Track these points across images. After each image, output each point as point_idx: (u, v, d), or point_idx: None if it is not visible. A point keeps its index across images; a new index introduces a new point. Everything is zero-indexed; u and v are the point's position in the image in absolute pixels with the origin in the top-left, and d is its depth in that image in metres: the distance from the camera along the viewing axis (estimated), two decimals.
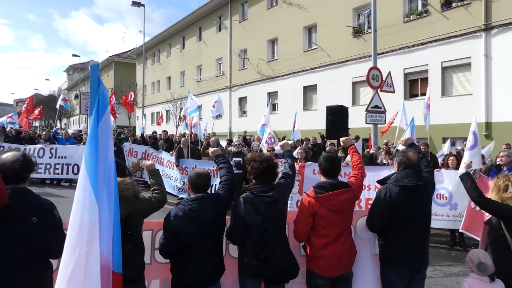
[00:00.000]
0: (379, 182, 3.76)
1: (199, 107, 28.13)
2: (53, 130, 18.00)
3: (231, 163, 4.14)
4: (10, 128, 16.28)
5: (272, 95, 24.51)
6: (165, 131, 15.19)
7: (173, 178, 11.62)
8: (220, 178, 3.54)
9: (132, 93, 19.84)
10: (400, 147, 7.13)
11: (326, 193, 3.30)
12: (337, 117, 9.55)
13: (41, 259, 2.58)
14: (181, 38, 35.50)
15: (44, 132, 14.98)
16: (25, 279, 2.47)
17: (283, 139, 15.37)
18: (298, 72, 22.15)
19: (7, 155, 2.66)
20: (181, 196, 10.87)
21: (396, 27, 16.83)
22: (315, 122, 18.35)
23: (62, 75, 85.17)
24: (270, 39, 24.72)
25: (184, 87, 34.18)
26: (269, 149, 10.56)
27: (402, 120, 12.38)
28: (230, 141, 16.29)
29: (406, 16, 16.84)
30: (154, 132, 19.54)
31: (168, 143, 13.72)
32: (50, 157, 12.82)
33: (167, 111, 32.12)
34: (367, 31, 18.31)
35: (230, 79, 28.24)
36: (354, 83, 19.05)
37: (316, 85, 21.26)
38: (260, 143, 12.28)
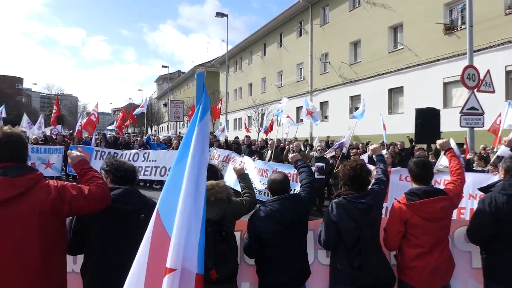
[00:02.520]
0: (481, 190, 3.41)
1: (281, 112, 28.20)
2: (146, 136, 19.52)
3: (314, 168, 4.11)
4: (109, 135, 18.00)
5: (354, 98, 23.83)
6: (247, 136, 15.54)
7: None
8: (301, 181, 3.57)
9: (220, 101, 20.83)
10: (502, 150, 6.41)
11: (419, 200, 3.08)
12: (427, 120, 8.97)
13: None
14: (262, 45, 36.22)
15: (138, 138, 16.28)
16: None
17: (367, 144, 14.81)
18: (383, 74, 21.25)
19: (126, 160, 3.02)
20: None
21: (495, 21, 15.30)
22: (401, 126, 17.42)
23: (153, 85, 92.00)
24: (352, 42, 24.10)
25: (265, 93, 34.78)
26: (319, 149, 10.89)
27: (507, 121, 11.13)
28: (310, 146, 16.14)
29: (508, 7, 15.24)
30: (236, 137, 20.12)
31: (250, 148, 14.02)
32: (143, 161, 13.85)
33: (249, 117, 32.91)
34: (461, 27, 16.95)
35: (311, 84, 28.07)
36: (445, 84, 17.72)
37: (402, 87, 20.20)
38: (344, 148, 11.98)
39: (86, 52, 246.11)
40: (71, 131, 24.70)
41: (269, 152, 11.66)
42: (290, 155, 3.83)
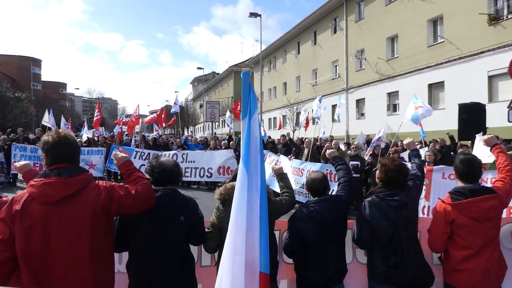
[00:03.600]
0: None
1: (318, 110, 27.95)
2: (184, 137, 19.91)
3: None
4: (148, 136, 18.53)
5: (392, 95, 23.19)
6: (283, 136, 15.49)
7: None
8: (339, 180, 3.52)
9: (239, 102, 20.87)
10: None
11: (465, 199, 2.94)
12: (472, 115, 8.58)
13: (184, 252, 2.83)
14: (296, 43, 36.00)
15: (177, 139, 16.64)
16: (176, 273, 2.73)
17: None
18: (422, 69, 20.53)
19: (167, 160, 2.98)
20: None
21: None
22: (442, 122, 16.76)
23: (188, 86, 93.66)
24: (389, 37, 23.46)
25: (299, 92, 34.55)
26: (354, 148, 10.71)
27: None
28: (348, 145, 15.87)
29: None
30: (269, 137, 20.09)
31: (286, 147, 13.95)
32: (181, 162, 14.09)
33: (284, 116, 32.81)
34: (507, 16, 16.08)
35: (346, 81, 27.60)
36: (490, 77, 16.86)
37: (443, 81, 19.43)
38: (382, 143, 11.72)
39: (124, 56, 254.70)
40: (112, 133, 25.63)
41: (305, 151, 11.55)
42: (328, 151, 3.78)
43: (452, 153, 11.89)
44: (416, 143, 10.36)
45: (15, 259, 2.24)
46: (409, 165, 3.62)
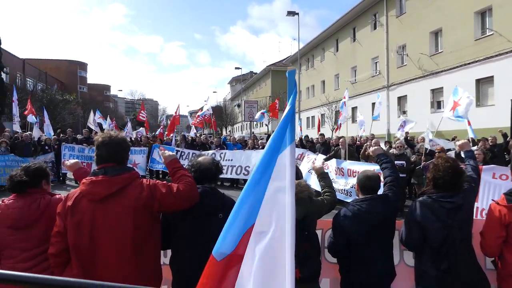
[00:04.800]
0: None
1: (355, 108, 27.51)
2: (223, 137, 20.16)
3: None
4: (188, 136, 18.92)
5: (436, 91, 22.29)
6: (321, 135, 15.31)
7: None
8: (385, 179, 3.37)
9: (277, 100, 20.82)
10: None
11: None
12: None
13: None
14: (334, 41, 35.44)
15: (215, 139, 16.87)
16: None
17: (453, 139, 13.77)
18: (469, 63, 19.57)
19: (204, 158, 3.03)
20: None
21: None
22: (492, 119, 15.92)
23: (226, 86, 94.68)
24: (432, 31, 22.55)
25: (338, 90, 34.01)
26: (398, 146, 10.31)
27: None
28: (389, 143, 15.43)
29: None
30: (306, 136, 19.91)
31: (325, 146, 13.80)
32: (219, 160, 14.26)
33: (322, 115, 32.39)
34: None
35: (387, 78, 26.84)
36: None
37: (492, 76, 18.41)
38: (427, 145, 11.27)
39: (163, 58, 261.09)
40: (153, 133, 26.38)
41: (342, 150, 11.32)
42: (372, 149, 3.64)
43: (505, 152, 11.26)
44: None
45: (69, 250, 2.43)
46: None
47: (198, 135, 20.22)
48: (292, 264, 1.69)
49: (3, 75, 32.53)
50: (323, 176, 3.49)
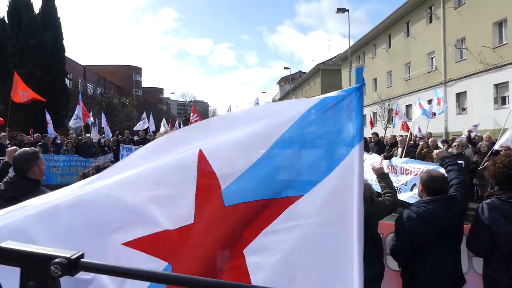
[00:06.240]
0: None
1: (409, 106, 26.43)
2: None
3: None
4: None
5: (500, 86, 20.83)
6: (375, 134, 14.87)
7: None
8: (451, 181, 3.18)
9: None
10: None
11: None
12: None
13: None
14: (386, 37, 34.29)
15: None
16: None
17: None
18: None
19: None
20: None
21: None
22: None
23: (274, 87, 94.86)
24: (496, 22, 21.09)
25: (391, 87, 32.88)
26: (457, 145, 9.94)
27: None
28: (447, 143, 14.68)
29: None
30: None
31: (378, 145, 13.38)
32: None
33: (374, 113, 31.45)
34: None
35: (444, 74, 25.50)
36: None
37: None
38: (491, 143, 10.53)
39: (213, 60, 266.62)
40: None
41: (399, 149, 10.96)
42: (436, 151, 3.46)
43: None
44: None
45: None
46: None
47: None
48: (361, 265, 1.61)
49: (67, 81, 34.83)
50: (383, 176, 3.36)
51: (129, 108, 45.89)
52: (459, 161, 9.16)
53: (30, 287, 0.77)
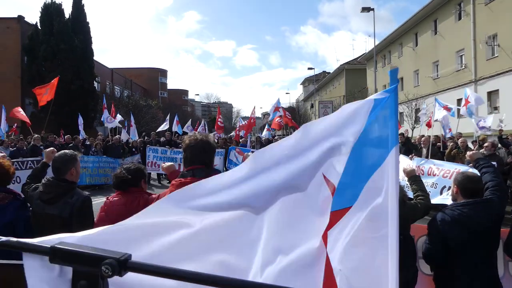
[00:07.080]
0: None
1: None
2: None
3: None
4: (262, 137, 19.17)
5: None
6: (401, 134, 14.55)
7: None
8: (486, 183, 3.06)
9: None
10: None
11: None
12: None
13: None
14: (413, 35, 33.56)
15: None
16: None
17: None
18: None
19: None
20: None
21: None
22: None
23: (298, 87, 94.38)
24: None
25: (418, 87, 32.15)
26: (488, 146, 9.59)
27: None
28: (477, 142, 14.22)
29: None
30: None
31: (405, 146, 13.07)
32: None
33: (401, 113, 30.84)
34: None
35: (474, 72, 24.72)
36: None
37: None
38: None
39: (236, 61, 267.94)
40: (229, 135, 27.16)
41: (424, 150, 10.73)
42: (470, 153, 3.36)
43: None
44: None
45: None
46: None
47: (272, 136, 20.39)
48: (396, 269, 1.59)
49: (95, 84, 35.77)
50: (414, 179, 3.29)
51: (154, 110, 46.65)
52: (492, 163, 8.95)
53: (82, 286, 0.80)
